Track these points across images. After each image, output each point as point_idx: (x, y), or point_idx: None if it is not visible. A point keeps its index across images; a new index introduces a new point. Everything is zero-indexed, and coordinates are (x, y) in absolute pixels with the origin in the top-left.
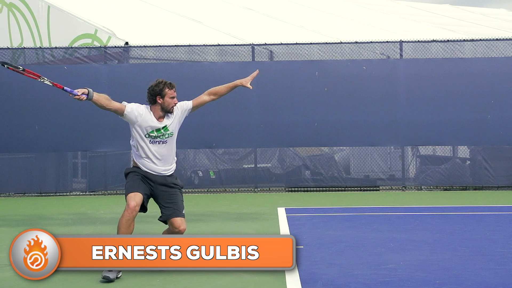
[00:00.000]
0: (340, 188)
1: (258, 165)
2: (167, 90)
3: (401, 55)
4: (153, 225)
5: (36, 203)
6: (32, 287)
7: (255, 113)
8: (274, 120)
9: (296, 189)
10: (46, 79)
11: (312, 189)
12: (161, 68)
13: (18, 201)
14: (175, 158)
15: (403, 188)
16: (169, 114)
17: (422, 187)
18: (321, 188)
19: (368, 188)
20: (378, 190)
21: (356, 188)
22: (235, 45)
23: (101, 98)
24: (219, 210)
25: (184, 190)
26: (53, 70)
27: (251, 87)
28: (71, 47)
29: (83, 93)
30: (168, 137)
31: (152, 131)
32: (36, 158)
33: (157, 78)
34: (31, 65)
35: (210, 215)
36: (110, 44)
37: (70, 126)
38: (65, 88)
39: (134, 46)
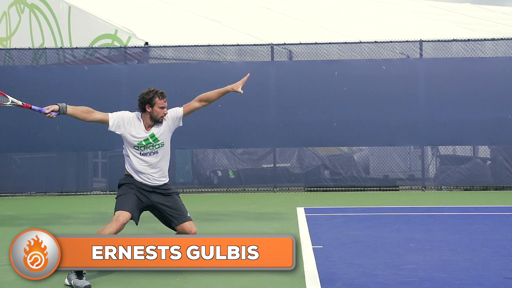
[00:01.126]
0: (359, 188)
1: (277, 165)
2: (157, 99)
3: (421, 54)
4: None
5: (57, 203)
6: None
7: (274, 113)
8: (293, 120)
9: (315, 189)
10: (10, 102)
11: (331, 189)
12: (181, 68)
13: (39, 200)
14: (167, 176)
15: (423, 188)
16: (158, 123)
17: (442, 187)
18: (340, 188)
19: (388, 188)
20: (398, 190)
21: (375, 188)
22: (254, 45)
23: (77, 111)
24: (238, 209)
25: (203, 190)
26: (74, 70)
27: (241, 92)
28: (92, 47)
29: (53, 110)
30: (159, 147)
31: (140, 142)
32: (57, 157)
33: (177, 78)
34: (53, 65)
35: (229, 215)
36: (130, 44)
37: (91, 126)
38: (32, 107)
39: (153, 46)
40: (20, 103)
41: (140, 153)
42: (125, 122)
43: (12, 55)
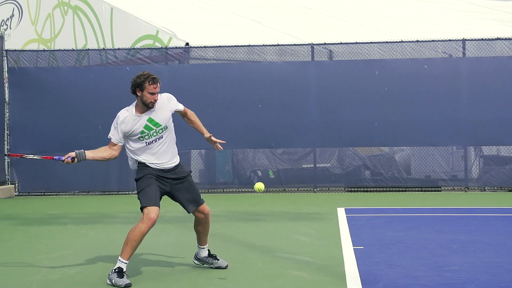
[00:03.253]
0: (400, 189)
1: (317, 165)
2: (147, 84)
3: (464, 53)
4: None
5: (99, 202)
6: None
7: (315, 113)
8: (333, 119)
9: (355, 189)
10: (30, 156)
11: (372, 189)
12: (221, 68)
13: (83, 200)
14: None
15: (466, 189)
16: (151, 108)
17: (486, 188)
18: (381, 188)
19: (430, 189)
20: (440, 191)
21: (417, 189)
22: (294, 44)
23: (98, 154)
24: (278, 209)
25: (243, 190)
26: (115, 71)
27: (219, 148)
28: (133, 48)
29: (69, 156)
30: (163, 131)
31: (143, 132)
32: None
33: (217, 78)
34: (95, 66)
35: (269, 215)
36: (171, 44)
37: None
38: (54, 157)
39: (194, 47)
40: (41, 156)
41: (146, 143)
42: (122, 127)
43: (56, 56)
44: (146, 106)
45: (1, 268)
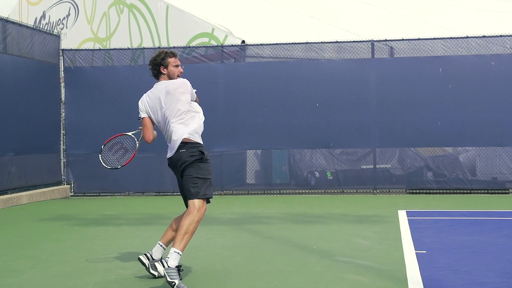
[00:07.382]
0: (465, 191)
1: (377, 166)
2: (168, 59)
3: None
4: (267, 226)
5: (154, 203)
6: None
7: (374, 112)
8: (394, 119)
9: (417, 191)
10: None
11: (434, 191)
12: (278, 66)
13: (137, 200)
14: None
15: None
16: None
17: None
18: (444, 191)
19: (496, 191)
20: (507, 193)
21: (483, 191)
22: (353, 41)
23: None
24: (337, 212)
25: (300, 191)
26: None
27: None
28: (189, 47)
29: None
30: None
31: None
32: (154, 158)
33: (274, 76)
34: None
35: (328, 217)
36: (226, 42)
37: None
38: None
39: (250, 45)
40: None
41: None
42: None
43: (111, 55)
44: None
45: (58, 268)
